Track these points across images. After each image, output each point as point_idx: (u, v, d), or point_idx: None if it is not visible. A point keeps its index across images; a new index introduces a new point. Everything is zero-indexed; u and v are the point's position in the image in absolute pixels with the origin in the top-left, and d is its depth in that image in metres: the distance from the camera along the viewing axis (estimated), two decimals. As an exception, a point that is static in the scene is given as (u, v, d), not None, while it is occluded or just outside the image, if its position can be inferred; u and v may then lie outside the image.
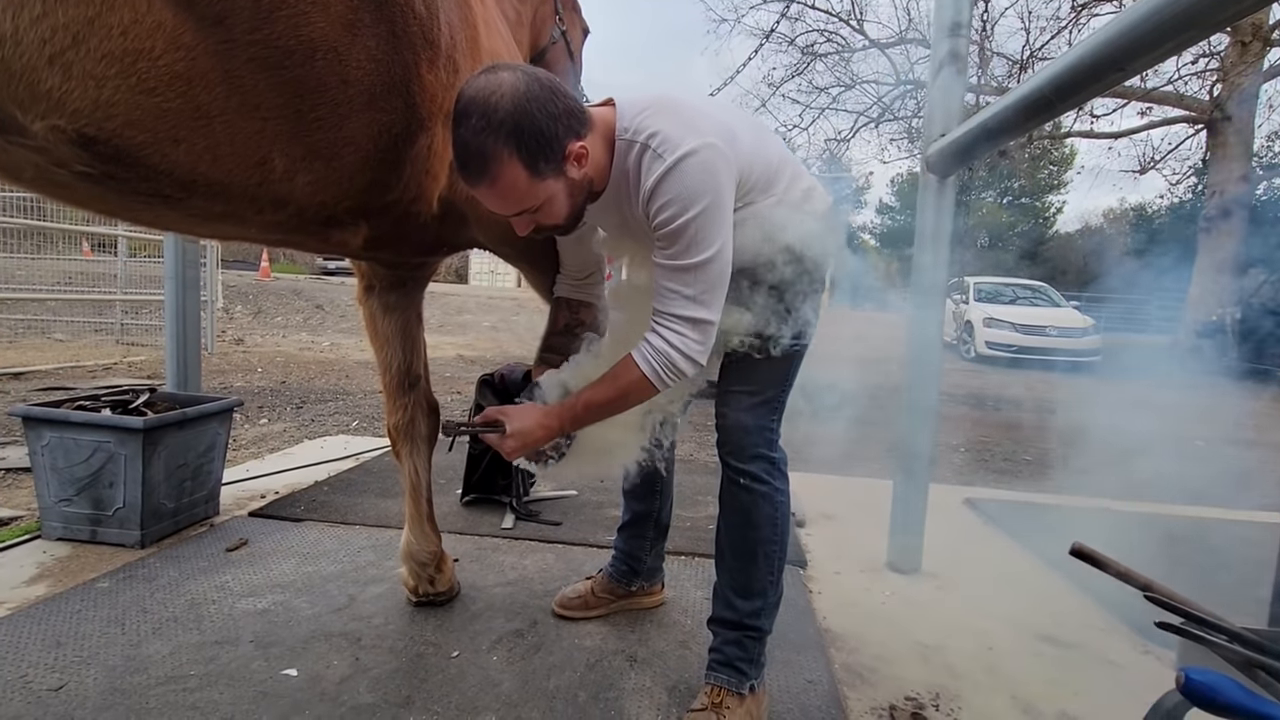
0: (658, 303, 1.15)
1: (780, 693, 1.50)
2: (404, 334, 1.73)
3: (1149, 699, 0.84)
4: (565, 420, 1.21)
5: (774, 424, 1.34)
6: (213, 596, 1.79)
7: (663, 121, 1.11)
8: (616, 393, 1.18)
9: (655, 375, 1.14)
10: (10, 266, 7.10)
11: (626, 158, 1.16)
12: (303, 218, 1.11)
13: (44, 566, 1.91)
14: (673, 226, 1.09)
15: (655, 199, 1.10)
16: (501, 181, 1.06)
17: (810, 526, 2.62)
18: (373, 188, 1.14)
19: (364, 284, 1.72)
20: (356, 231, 1.22)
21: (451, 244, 1.51)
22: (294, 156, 0.99)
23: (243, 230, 1.15)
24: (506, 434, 1.20)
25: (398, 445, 1.78)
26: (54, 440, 2.03)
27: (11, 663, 1.44)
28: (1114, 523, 2.87)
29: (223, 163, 0.93)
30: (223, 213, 1.02)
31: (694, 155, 1.08)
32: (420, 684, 1.45)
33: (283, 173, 0.99)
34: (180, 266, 2.65)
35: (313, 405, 4.60)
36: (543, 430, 1.21)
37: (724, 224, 1.12)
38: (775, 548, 1.33)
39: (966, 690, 1.59)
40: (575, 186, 1.14)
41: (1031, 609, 2.04)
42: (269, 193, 1.01)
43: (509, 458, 1.23)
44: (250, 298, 11.13)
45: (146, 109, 0.82)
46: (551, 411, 1.22)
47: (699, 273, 1.11)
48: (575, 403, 1.21)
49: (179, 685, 1.40)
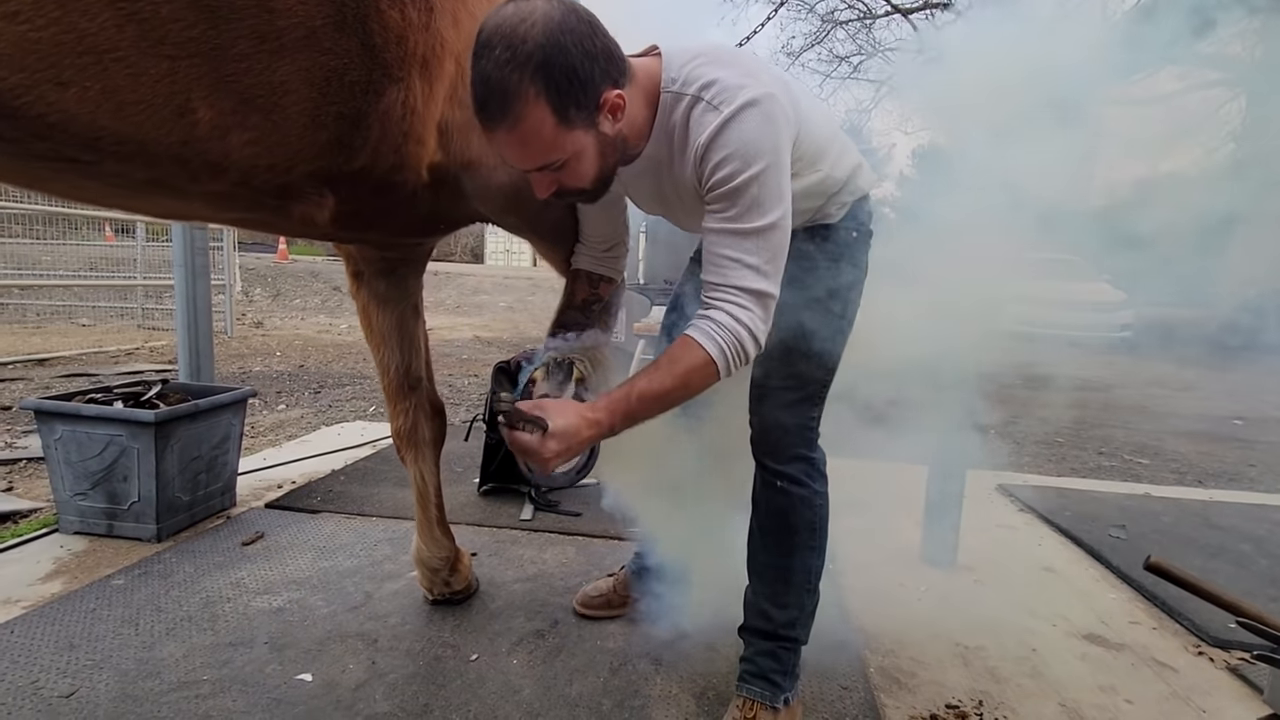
0: (713, 274, 1.00)
1: (814, 700, 1.43)
2: (400, 331, 1.58)
3: (1206, 706, 0.75)
4: (616, 416, 0.99)
5: (814, 421, 1.25)
6: (228, 594, 1.75)
7: (718, 70, 0.98)
8: (676, 380, 0.98)
9: (723, 357, 0.98)
10: (35, 252, 7.18)
11: (672, 113, 1.03)
12: (250, 187, 0.94)
13: (60, 562, 1.89)
14: (732, 185, 0.96)
15: (711, 155, 0.97)
16: (524, 125, 0.90)
17: (838, 516, 2.52)
18: (331, 150, 0.96)
19: (351, 269, 1.56)
20: (321, 204, 1.04)
21: (449, 220, 1.33)
22: (221, 108, 0.82)
23: (186, 205, 0.98)
24: (547, 433, 0.97)
25: (402, 451, 1.67)
26: (66, 434, 2.00)
27: (24, 666, 1.41)
28: (1156, 509, 2.75)
29: (128, 113, 0.76)
30: (149, 180, 0.86)
31: (755, 106, 0.95)
32: (438, 690, 1.40)
33: (211, 127, 0.82)
34: (189, 254, 2.60)
35: (330, 390, 4.58)
36: (590, 429, 0.98)
37: (785, 185, 0.99)
38: (813, 554, 1.24)
39: (1011, 696, 1.50)
40: (607, 144, 0.99)
41: (1074, 604, 1.95)
42: (199, 153, 0.84)
43: (547, 466, 0.98)
44: (269, 280, 11.18)
45: (10, 39, 0.67)
46: (598, 406, 1.00)
47: (762, 239, 0.98)
48: (627, 394, 0.99)
49: (191, 691, 1.36)
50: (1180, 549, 2.36)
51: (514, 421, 0.98)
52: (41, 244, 7.20)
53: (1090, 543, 2.35)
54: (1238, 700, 1.53)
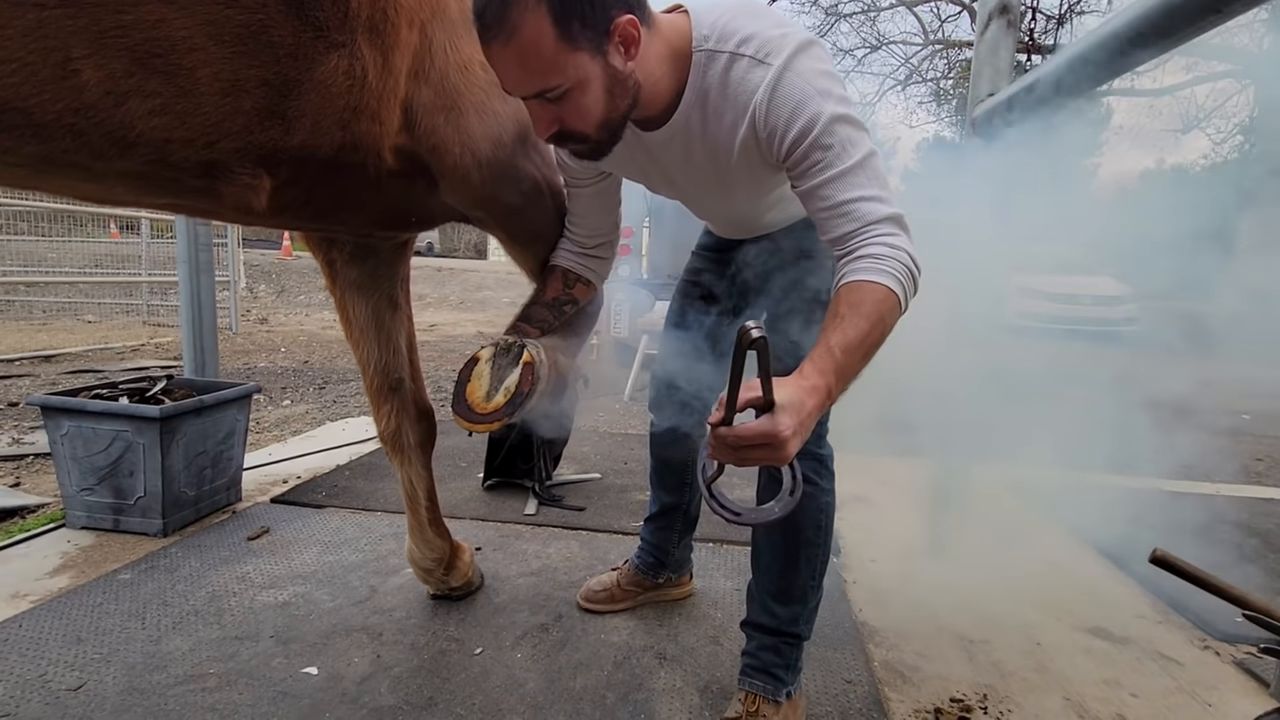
0: (840, 225, 0.91)
1: (818, 694, 1.43)
2: (376, 324, 1.46)
3: (1212, 700, 0.75)
4: (830, 375, 0.85)
5: (823, 416, 1.24)
6: (234, 588, 1.76)
7: (752, 23, 0.93)
8: (870, 321, 0.87)
9: (899, 285, 0.88)
10: (41, 250, 7.20)
11: (707, 72, 0.96)
12: (169, 164, 0.83)
13: (67, 556, 1.90)
14: (813, 136, 0.90)
15: (775, 113, 0.91)
16: (521, 36, 0.82)
17: (843, 510, 2.52)
18: (260, 122, 0.85)
19: (322, 258, 1.43)
20: (256, 187, 0.93)
21: (423, 213, 1.21)
22: (112, 70, 0.72)
23: (101, 186, 0.88)
24: (779, 406, 0.78)
25: (389, 455, 1.62)
26: (72, 430, 2.01)
27: (32, 660, 1.42)
28: (1163, 504, 2.74)
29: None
30: (43, 155, 0.76)
31: (804, 51, 0.91)
32: (443, 684, 1.41)
33: (103, 93, 0.73)
34: (193, 250, 2.60)
35: (335, 385, 4.59)
36: (814, 398, 0.82)
37: (858, 114, 0.93)
38: (818, 551, 1.24)
39: (1016, 691, 1.50)
40: (617, 80, 0.90)
41: (1079, 599, 1.94)
42: (95, 124, 0.75)
43: (785, 451, 0.78)
44: (273, 277, 11.20)
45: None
46: (805, 371, 0.84)
47: (866, 170, 0.91)
48: (828, 353, 0.85)
49: (198, 685, 1.37)
50: (1187, 542, 2.35)
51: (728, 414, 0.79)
52: (47, 241, 7.23)
53: (1095, 537, 2.34)
54: (1244, 694, 1.52)
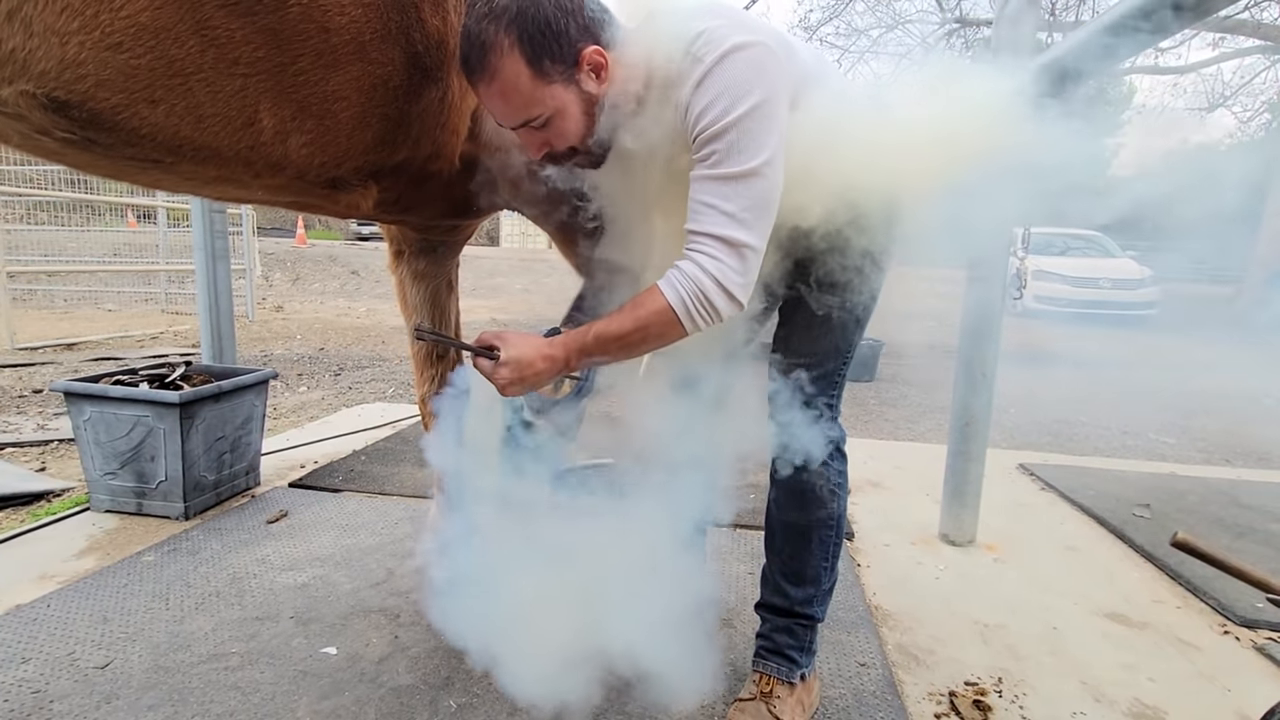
0: (691, 222, 0.96)
1: (832, 677, 1.44)
2: (433, 303, 1.67)
3: (1231, 685, 0.74)
4: (571, 352, 1.01)
5: (834, 399, 1.23)
6: (254, 570, 1.79)
7: (707, 21, 0.95)
8: (633, 325, 0.97)
9: (683, 307, 0.94)
10: (62, 239, 7.30)
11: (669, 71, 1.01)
12: (304, 180, 1.04)
13: (93, 539, 1.94)
14: (713, 129, 0.92)
15: (695, 104, 0.93)
16: (501, 77, 0.93)
17: (856, 495, 2.52)
18: (377, 147, 1.07)
19: (393, 249, 1.67)
20: (366, 193, 1.16)
21: (481, 205, 1.40)
22: (283, 116, 0.92)
23: (246, 193, 1.09)
24: (500, 361, 1.01)
25: (427, 417, 1.72)
26: (95, 415, 2.04)
27: (61, 639, 1.46)
28: (1181, 488, 2.70)
29: (207, 125, 0.87)
30: (218, 176, 0.96)
31: (740, 50, 0.92)
32: (459, 664, 1.42)
33: (273, 134, 0.93)
34: (208, 238, 2.63)
35: (350, 372, 4.64)
36: (544, 361, 1.01)
37: (774, 131, 0.93)
38: (831, 532, 1.24)
39: (1031, 674, 1.50)
40: (591, 103, 0.99)
41: (1096, 583, 1.93)
42: (262, 156, 0.95)
43: (503, 393, 1.03)
44: (288, 264, 11.28)
45: (115, 67, 0.76)
46: (555, 342, 1.02)
47: (740, 185, 0.92)
48: (585, 333, 1.01)
49: (221, 663, 1.40)
50: (1206, 527, 2.33)
51: (465, 346, 1.09)
52: (67, 231, 7.33)
53: (1114, 521, 2.32)
54: (1265, 679, 1.50)
